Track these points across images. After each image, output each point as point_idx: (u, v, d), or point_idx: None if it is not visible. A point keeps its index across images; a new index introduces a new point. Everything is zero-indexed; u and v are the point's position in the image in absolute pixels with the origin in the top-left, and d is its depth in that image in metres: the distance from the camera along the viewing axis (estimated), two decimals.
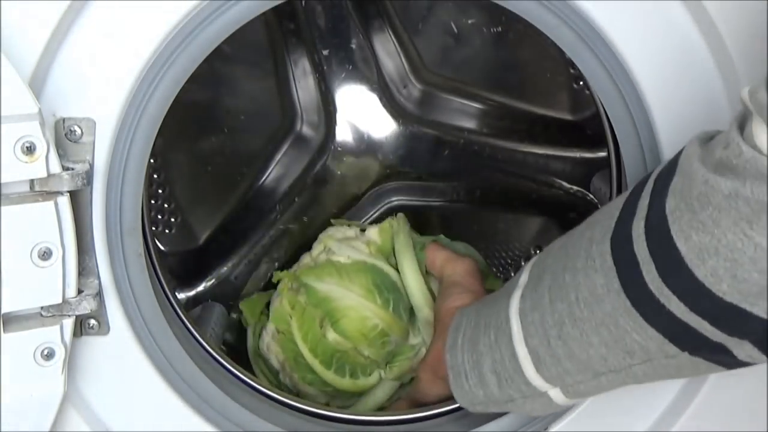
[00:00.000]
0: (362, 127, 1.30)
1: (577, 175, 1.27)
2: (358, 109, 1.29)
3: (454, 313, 0.89)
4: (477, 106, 1.29)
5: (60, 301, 0.76)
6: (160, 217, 1.23)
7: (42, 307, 0.77)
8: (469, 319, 0.85)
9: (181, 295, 1.23)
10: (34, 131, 0.71)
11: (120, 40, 0.75)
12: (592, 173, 1.25)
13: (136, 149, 0.79)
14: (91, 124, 0.76)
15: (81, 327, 0.80)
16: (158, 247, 1.21)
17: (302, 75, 1.27)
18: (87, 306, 0.78)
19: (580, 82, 1.21)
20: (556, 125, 1.27)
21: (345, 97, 1.28)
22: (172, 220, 1.24)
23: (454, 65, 1.28)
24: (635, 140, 0.83)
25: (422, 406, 0.98)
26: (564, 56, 1.03)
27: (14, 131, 0.70)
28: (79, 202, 0.77)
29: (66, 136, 0.75)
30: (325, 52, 1.26)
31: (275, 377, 1.10)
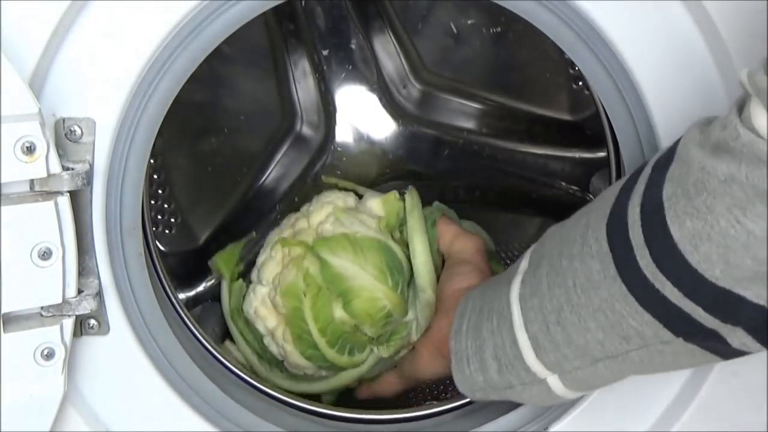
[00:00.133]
0: (362, 127, 1.30)
1: (577, 175, 1.27)
2: (358, 110, 1.29)
3: (460, 294, 0.89)
4: (477, 106, 1.29)
5: (60, 301, 0.77)
6: (160, 217, 1.23)
7: (42, 307, 0.77)
8: (474, 304, 0.86)
9: (181, 295, 1.23)
10: (34, 131, 0.71)
11: (120, 40, 0.75)
12: (592, 173, 1.25)
13: (136, 149, 0.79)
14: (91, 124, 0.76)
15: (81, 327, 0.81)
16: (158, 247, 1.20)
17: (302, 75, 1.26)
18: (87, 306, 0.78)
19: (580, 82, 1.21)
20: (556, 125, 1.27)
21: (345, 97, 1.28)
22: (172, 220, 1.24)
23: (454, 65, 1.28)
24: (635, 140, 0.83)
25: (415, 382, 0.97)
26: (564, 56, 1.04)
27: (14, 131, 0.70)
28: (79, 202, 0.77)
29: (66, 136, 0.75)
30: (325, 53, 1.26)
31: (258, 341, 1.07)
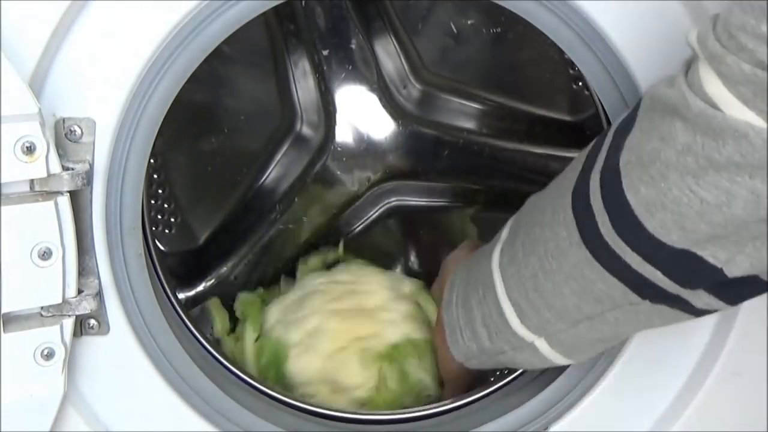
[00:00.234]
0: (362, 127, 1.30)
1: None
2: (358, 110, 1.29)
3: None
4: (477, 106, 1.29)
5: (60, 301, 0.76)
6: (160, 217, 1.23)
7: (42, 307, 0.77)
8: (462, 276, 0.88)
9: (181, 295, 1.23)
10: (34, 131, 0.71)
11: (120, 40, 0.75)
12: None
13: (136, 149, 0.79)
14: (91, 124, 0.76)
15: (81, 327, 0.80)
16: (158, 247, 1.20)
17: (302, 75, 1.26)
18: (87, 306, 0.78)
19: (580, 83, 1.21)
20: (556, 126, 1.26)
21: (345, 97, 1.28)
22: (172, 220, 1.24)
23: (454, 66, 1.28)
24: None
25: (455, 377, 0.96)
26: (564, 57, 1.03)
27: (14, 131, 0.70)
28: (79, 202, 0.77)
29: (66, 136, 0.75)
30: (325, 53, 1.26)
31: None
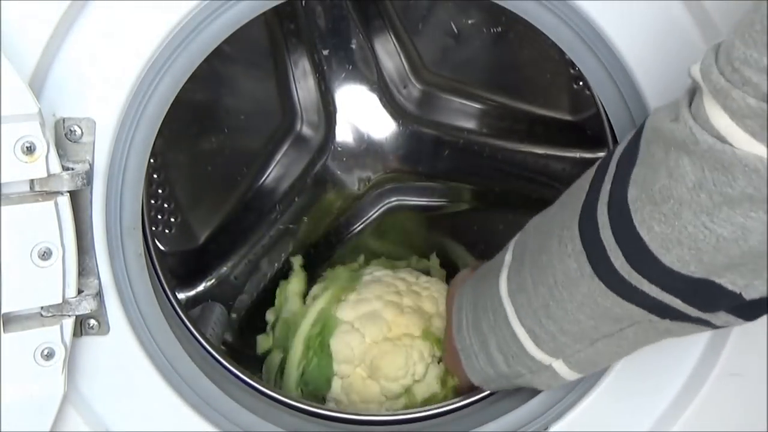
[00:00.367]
0: (362, 127, 1.30)
1: (577, 176, 1.26)
2: (358, 109, 1.29)
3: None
4: (477, 106, 1.29)
5: (60, 301, 0.76)
6: (160, 217, 1.23)
7: (42, 307, 0.77)
8: (468, 300, 0.88)
9: (181, 295, 1.23)
10: (34, 131, 0.71)
11: (120, 40, 0.75)
12: None
13: (136, 149, 0.79)
14: (91, 124, 0.76)
15: (81, 327, 0.80)
16: (158, 247, 1.21)
17: (302, 75, 1.26)
18: (87, 306, 0.78)
19: (580, 82, 1.21)
20: (556, 125, 1.26)
21: (345, 97, 1.28)
22: (172, 220, 1.24)
23: (454, 65, 1.28)
24: None
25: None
26: (564, 56, 1.03)
27: (14, 131, 0.70)
28: (79, 202, 0.77)
29: (66, 136, 0.75)
30: (325, 52, 1.26)
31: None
